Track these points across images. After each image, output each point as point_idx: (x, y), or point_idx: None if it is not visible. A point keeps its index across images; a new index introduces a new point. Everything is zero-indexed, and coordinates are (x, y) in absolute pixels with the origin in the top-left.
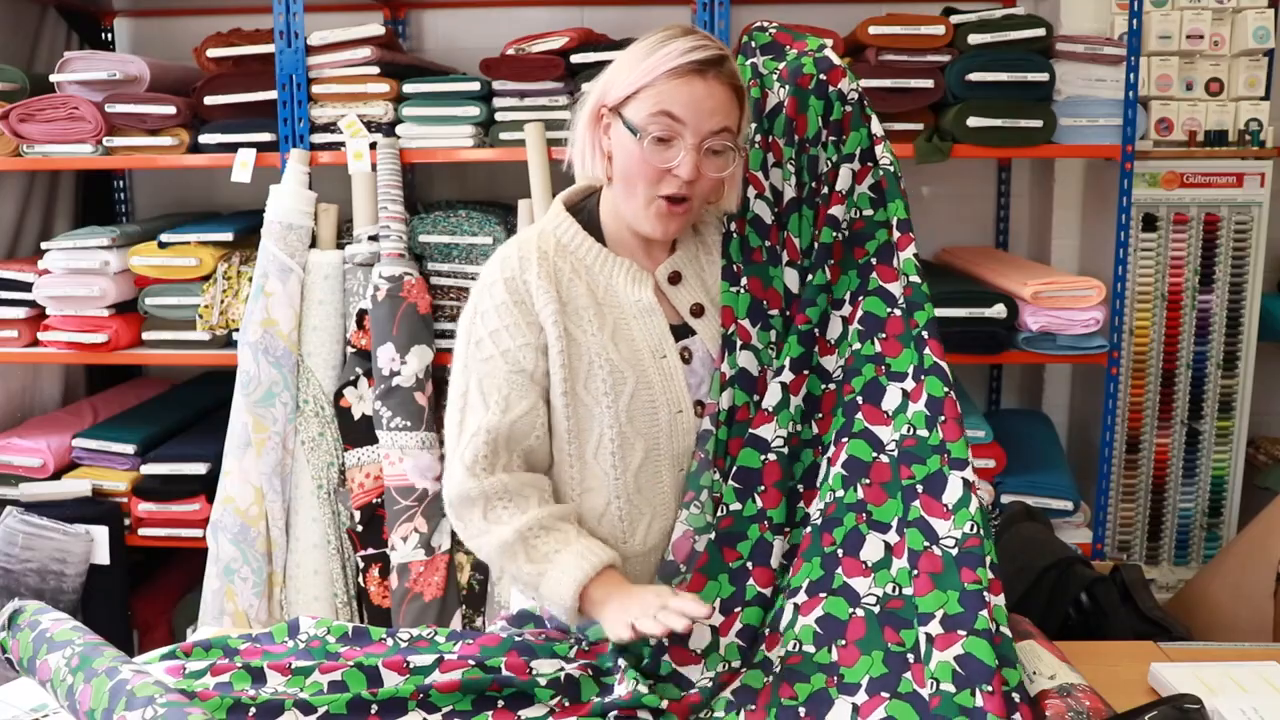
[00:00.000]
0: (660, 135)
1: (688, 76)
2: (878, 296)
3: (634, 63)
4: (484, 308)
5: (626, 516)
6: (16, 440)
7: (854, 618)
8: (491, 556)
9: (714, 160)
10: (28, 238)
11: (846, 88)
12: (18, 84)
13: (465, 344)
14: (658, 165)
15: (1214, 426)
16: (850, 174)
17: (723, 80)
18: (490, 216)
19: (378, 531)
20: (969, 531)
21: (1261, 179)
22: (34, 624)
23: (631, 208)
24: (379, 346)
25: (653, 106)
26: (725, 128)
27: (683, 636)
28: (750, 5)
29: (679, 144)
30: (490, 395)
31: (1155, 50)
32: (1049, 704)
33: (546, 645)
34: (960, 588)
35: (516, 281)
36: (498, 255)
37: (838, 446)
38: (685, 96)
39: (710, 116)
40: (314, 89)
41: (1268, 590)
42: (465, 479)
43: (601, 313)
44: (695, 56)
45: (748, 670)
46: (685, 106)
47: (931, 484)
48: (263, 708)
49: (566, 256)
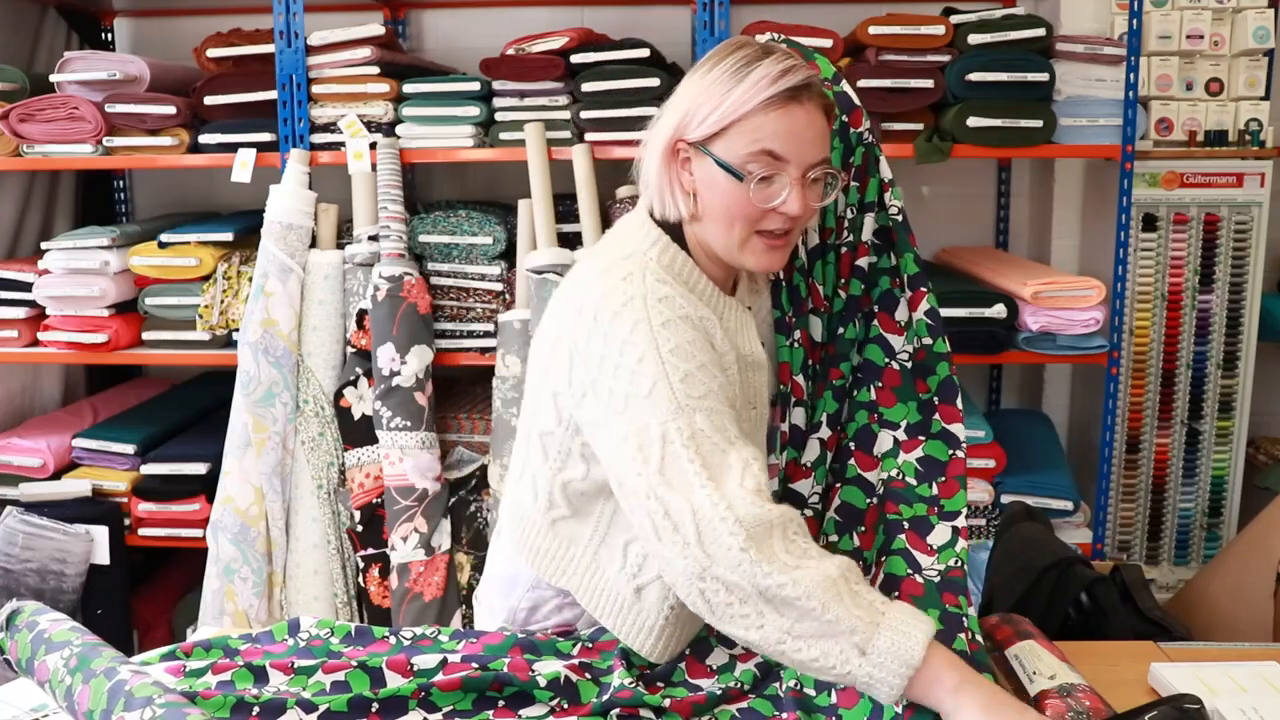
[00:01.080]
0: (764, 176)
1: (785, 106)
2: (877, 345)
3: (717, 93)
4: (673, 345)
5: None
6: (16, 440)
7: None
8: (810, 590)
9: (815, 190)
10: (28, 238)
11: (864, 129)
12: (18, 84)
13: (667, 388)
14: (762, 206)
15: (1214, 426)
16: (871, 222)
17: (816, 103)
18: (490, 216)
19: (378, 531)
20: (953, 565)
21: (1261, 179)
22: (32, 624)
23: (727, 245)
24: (379, 346)
25: (751, 145)
26: (824, 157)
27: (701, 649)
28: (750, 5)
29: (780, 180)
30: (727, 429)
31: (1155, 50)
32: (1049, 704)
33: (549, 643)
34: (941, 608)
35: (694, 319)
36: (642, 293)
37: (831, 491)
38: (785, 130)
39: (812, 148)
40: (314, 89)
41: (1268, 590)
42: (757, 503)
43: (738, 362)
44: (788, 84)
45: (757, 697)
46: (787, 142)
47: (917, 524)
48: (265, 707)
49: (701, 296)
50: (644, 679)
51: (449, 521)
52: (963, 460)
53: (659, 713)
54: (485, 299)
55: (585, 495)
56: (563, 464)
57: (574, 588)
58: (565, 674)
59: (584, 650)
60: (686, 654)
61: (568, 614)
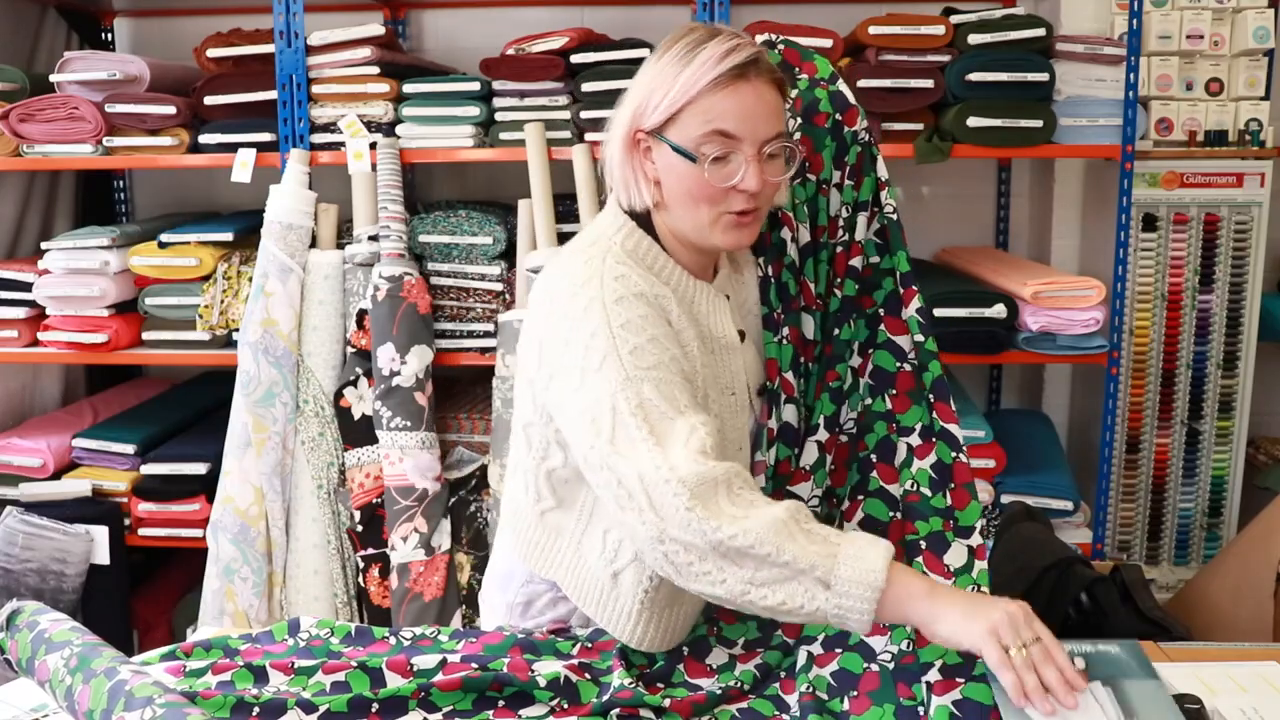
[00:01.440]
0: (718, 155)
1: (732, 84)
2: (887, 350)
3: (666, 79)
4: (622, 321)
5: None
6: (16, 440)
7: (868, 671)
8: (761, 536)
9: (773, 164)
10: (28, 238)
11: (860, 128)
12: (18, 84)
13: (616, 360)
14: (720, 185)
15: (1214, 426)
16: (865, 222)
17: (765, 79)
18: (490, 216)
19: (378, 531)
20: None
21: (1261, 179)
22: (32, 624)
23: (696, 227)
24: (379, 346)
25: (703, 126)
26: (780, 131)
27: (700, 649)
28: (750, 5)
29: (737, 158)
30: (677, 399)
31: (1155, 50)
32: None
33: (549, 643)
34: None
35: (649, 296)
36: (599, 273)
37: (853, 503)
38: (735, 108)
39: (764, 123)
40: (314, 89)
41: (1268, 590)
42: (700, 462)
43: (706, 345)
44: (733, 62)
45: (757, 698)
46: (738, 120)
47: (933, 543)
48: (266, 707)
49: (665, 281)
50: (644, 679)
51: (449, 521)
52: (966, 465)
53: (659, 713)
54: (485, 299)
55: (568, 483)
56: (545, 453)
57: (560, 578)
58: (565, 674)
59: (583, 650)
60: (685, 654)
61: (561, 609)
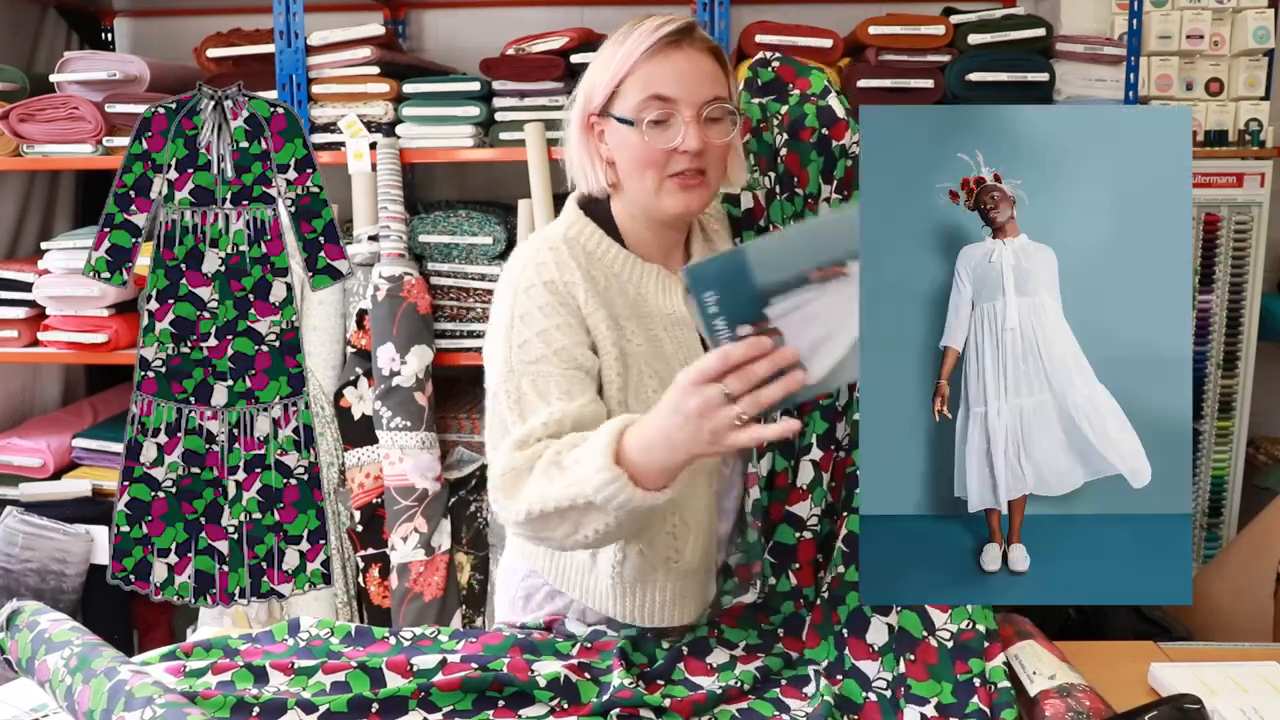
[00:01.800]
0: (656, 118)
1: (665, 52)
2: None
3: (607, 61)
4: (523, 311)
5: (678, 534)
6: (16, 440)
7: (868, 702)
8: (545, 497)
9: (715, 128)
10: (28, 238)
11: (849, 141)
12: (18, 84)
13: (506, 351)
14: (662, 148)
15: (1214, 426)
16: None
17: (699, 47)
18: (490, 216)
19: (378, 531)
20: (964, 626)
21: (1261, 179)
22: (32, 624)
23: (645, 196)
24: (379, 346)
25: (641, 93)
26: (717, 95)
27: (699, 649)
28: (750, 5)
29: (676, 121)
30: (549, 392)
31: (1155, 50)
32: (1049, 704)
33: (549, 643)
34: (954, 679)
35: (558, 284)
36: (523, 260)
37: (839, 519)
38: (670, 73)
39: (700, 85)
40: (314, 89)
41: (1268, 590)
42: (513, 456)
43: (640, 323)
44: (666, 30)
45: (757, 698)
46: (672, 82)
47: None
48: (266, 707)
49: (596, 264)
50: (644, 678)
51: (449, 521)
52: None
53: (659, 712)
54: (485, 299)
55: None
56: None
57: (542, 565)
58: (565, 674)
59: (583, 650)
60: (685, 653)
61: (558, 603)
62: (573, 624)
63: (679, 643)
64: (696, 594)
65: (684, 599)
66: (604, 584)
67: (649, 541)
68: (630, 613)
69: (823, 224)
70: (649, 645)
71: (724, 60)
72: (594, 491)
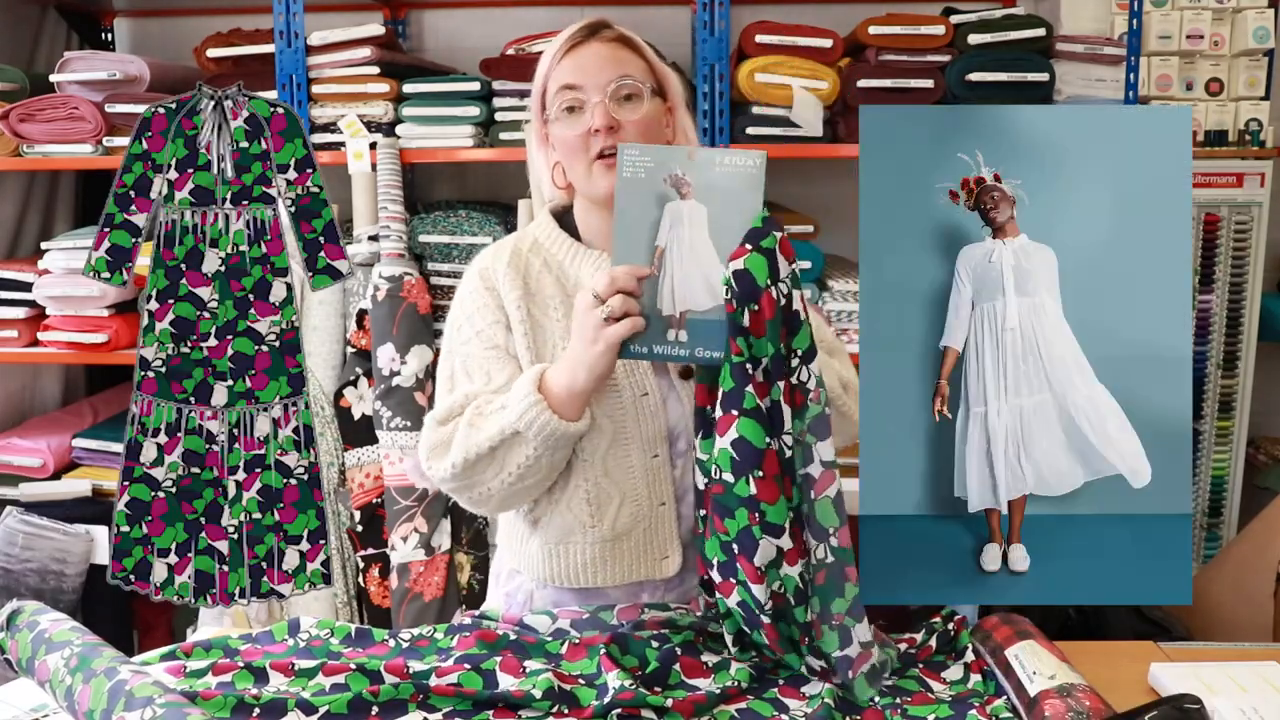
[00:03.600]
0: (569, 106)
1: (573, 50)
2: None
3: (537, 73)
4: (460, 296)
5: (595, 500)
6: (16, 440)
7: (870, 705)
8: (468, 445)
9: (627, 105)
10: (28, 238)
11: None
12: (18, 84)
13: (447, 333)
14: (577, 132)
15: (1214, 426)
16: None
17: (606, 39)
18: (490, 216)
19: (378, 531)
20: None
21: (1261, 179)
22: (32, 624)
23: (580, 181)
24: (379, 346)
25: (555, 90)
26: (623, 74)
27: (691, 649)
28: (750, 5)
29: (587, 106)
30: (474, 373)
31: (1155, 50)
32: (1049, 704)
33: (539, 645)
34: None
35: (488, 271)
36: (478, 255)
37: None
38: (575, 65)
39: (604, 69)
40: (314, 89)
41: (1268, 590)
42: (435, 428)
43: (568, 302)
44: (573, 30)
45: (755, 698)
46: (578, 72)
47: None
48: (266, 707)
49: (540, 252)
50: (643, 681)
51: (449, 521)
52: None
53: (660, 713)
54: None
55: None
56: None
57: (505, 541)
58: (557, 684)
59: (571, 648)
60: (679, 654)
61: (539, 601)
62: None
63: (669, 645)
64: (622, 561)
65: (605, 562)
66: (535, 547)
67: (567, 503)
68: (554, 574)
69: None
70: (636, 646)
71: (637, 47)
72: (518, 418)
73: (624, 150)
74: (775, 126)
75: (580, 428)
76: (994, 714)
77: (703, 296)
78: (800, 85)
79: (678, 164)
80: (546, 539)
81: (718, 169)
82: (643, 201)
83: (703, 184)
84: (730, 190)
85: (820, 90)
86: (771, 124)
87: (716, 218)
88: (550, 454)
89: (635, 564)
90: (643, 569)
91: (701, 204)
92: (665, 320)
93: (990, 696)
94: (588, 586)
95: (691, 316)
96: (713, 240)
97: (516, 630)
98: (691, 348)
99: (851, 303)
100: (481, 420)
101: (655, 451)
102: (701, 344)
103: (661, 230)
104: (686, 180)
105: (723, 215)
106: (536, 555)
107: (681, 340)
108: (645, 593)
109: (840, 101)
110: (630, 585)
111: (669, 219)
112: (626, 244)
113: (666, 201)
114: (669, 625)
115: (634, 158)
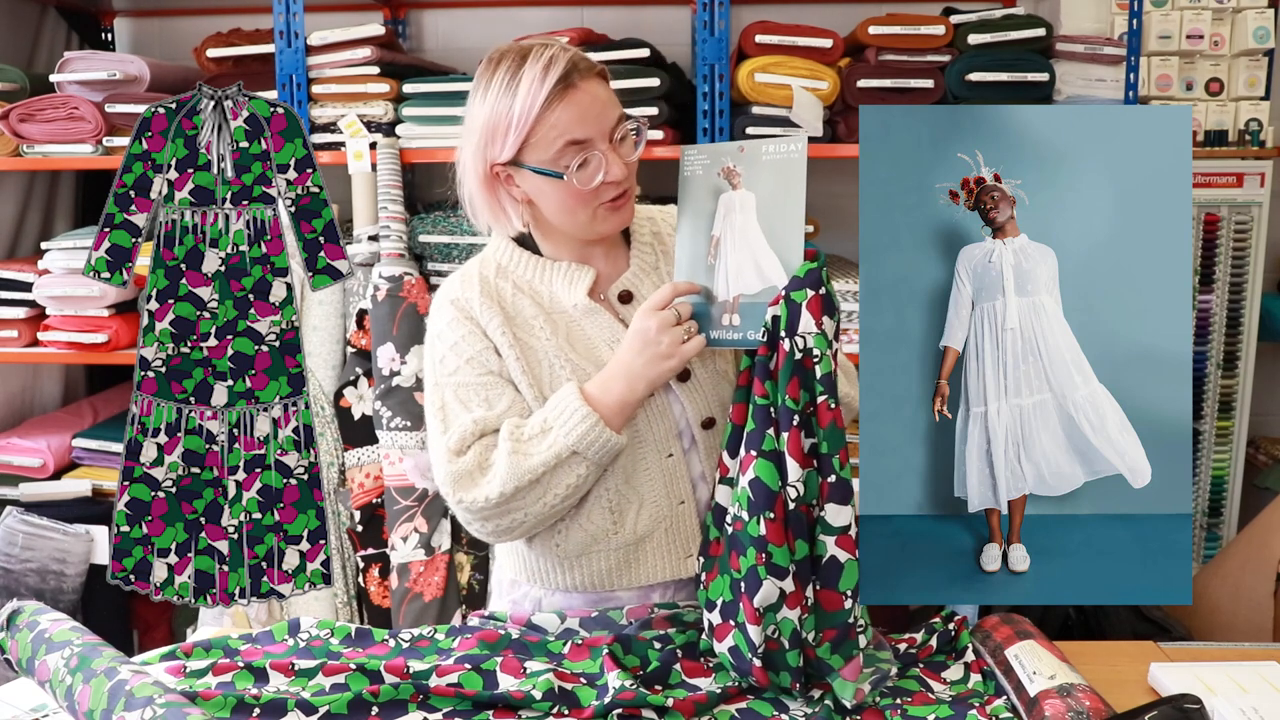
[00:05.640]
0: (580, 163)
1: (564, 96)
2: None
3: (501, 113)
4: (438, 329)
5: (616, 506)
6: (16, 440)
7: (870, 705)
8: (508, 476)
9: (625, 145)
10: (28, 238)
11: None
12: (18, 84)
13: (431, 368)
14: (590, 187)
15: (1214, 426)
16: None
17: (588, 76)
18: None
19: (378, 531)
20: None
21: (1261, 179)
22: (33, 624)
23: (577, 228)
24: (379, 346)
25: (555, 143)
26: (618, 115)
27: (691, 649)
28: (750, 5)
29: (595, 156)
30: (470, 401)
31: (1155, 50)
32: (1049, 704)
33: (541, 644)
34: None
35: (462, 301)
36: (442, 286)
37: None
38: (576, 116)
39: (604, 116)
40: (314, 89)
41: (1268, 590)
42: (454, 461)
43: (551, 319)
44: (556, 74)
45: (756, 698)
46: (582, 124)
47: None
48: (266, 707)
49: (507, 276)
50: (644, 681)
51: (449, 521)
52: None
53: (661, 712)
54: None
55: None
56: None
57: (505, 551)
58: (557, 684)
59: (574, 649)
60: (679, 655)
61: (545, 607)
62: (542, 617)
63: (671, 645)
64: (645, 563)
65: (628, 566)
66: (550, 562)
67: (586, 516)
68: (575, 583)
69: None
70: (638, 646)
71: (606, 75)
72: (578, 439)
73: (685, 151)
74: (775, 127)
75: (625, 441)
76: (994, 714)
77: (753, 280)
78: (800, 85)
79: (729, 157)
80: (565, 553)
81: (764, 158)
82: (701, 196)
83: (751, 173)
84: (776, 175)
85: (820, 90)
86: (772, 124)
87: (764, 202)
88: (598, 471)
89: (659, 565)
90: (667, 569)
91: (750, 191)
92: (720, 306)
93: (990, 696)
94: (610, 590)
95: (744, 300)
96: (760, 223)
97: (523, 630)
98: (744, 330)
99: (851, 302)
100: (526, 445)
101: (669, 451)
102: (752, 327)
103: (716, 220)
104: (737, 171)
105: (771, 199)
106: (552, 569)
107: (735, 325)
108: (656, 593)
109: (840, 101)
110: (645, 586)
111: (723, 209)
112: (691, 237)
113: (720, 193)
114: (675, 622)
115: (693, 157)
